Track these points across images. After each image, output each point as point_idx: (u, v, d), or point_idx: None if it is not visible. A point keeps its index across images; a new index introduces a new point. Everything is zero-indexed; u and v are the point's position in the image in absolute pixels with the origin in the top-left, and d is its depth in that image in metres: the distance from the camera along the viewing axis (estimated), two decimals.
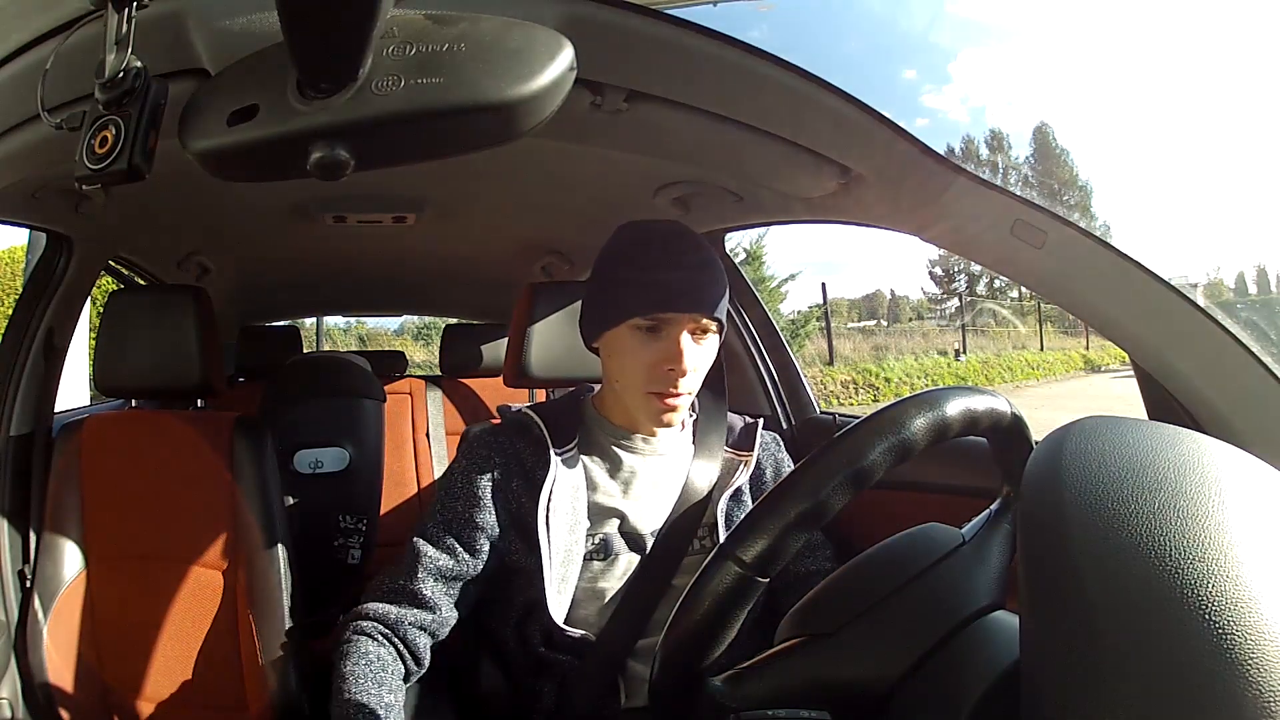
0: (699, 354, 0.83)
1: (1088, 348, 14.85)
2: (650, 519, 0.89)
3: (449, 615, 0.86)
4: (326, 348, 6.61)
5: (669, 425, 0.87)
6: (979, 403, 0.53)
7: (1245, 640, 0.33)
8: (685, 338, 0.82)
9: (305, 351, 2.56)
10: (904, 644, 0.51)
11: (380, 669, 0.81)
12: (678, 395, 0.83)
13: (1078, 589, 0.36)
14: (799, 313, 12.94)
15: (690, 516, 0.89)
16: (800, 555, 0.90)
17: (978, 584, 0.53)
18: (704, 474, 0.91)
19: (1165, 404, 0.73)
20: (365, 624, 0.84)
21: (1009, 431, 0.55)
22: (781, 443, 1.01)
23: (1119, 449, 0.40)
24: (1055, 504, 0.39)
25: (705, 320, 0.83)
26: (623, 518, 0.88)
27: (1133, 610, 0.34)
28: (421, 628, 0.85)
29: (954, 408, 0.51)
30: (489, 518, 0.86)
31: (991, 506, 0.59)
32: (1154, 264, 0.69)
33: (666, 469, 0.91)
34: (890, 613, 0.52)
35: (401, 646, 0.84)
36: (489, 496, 0.87)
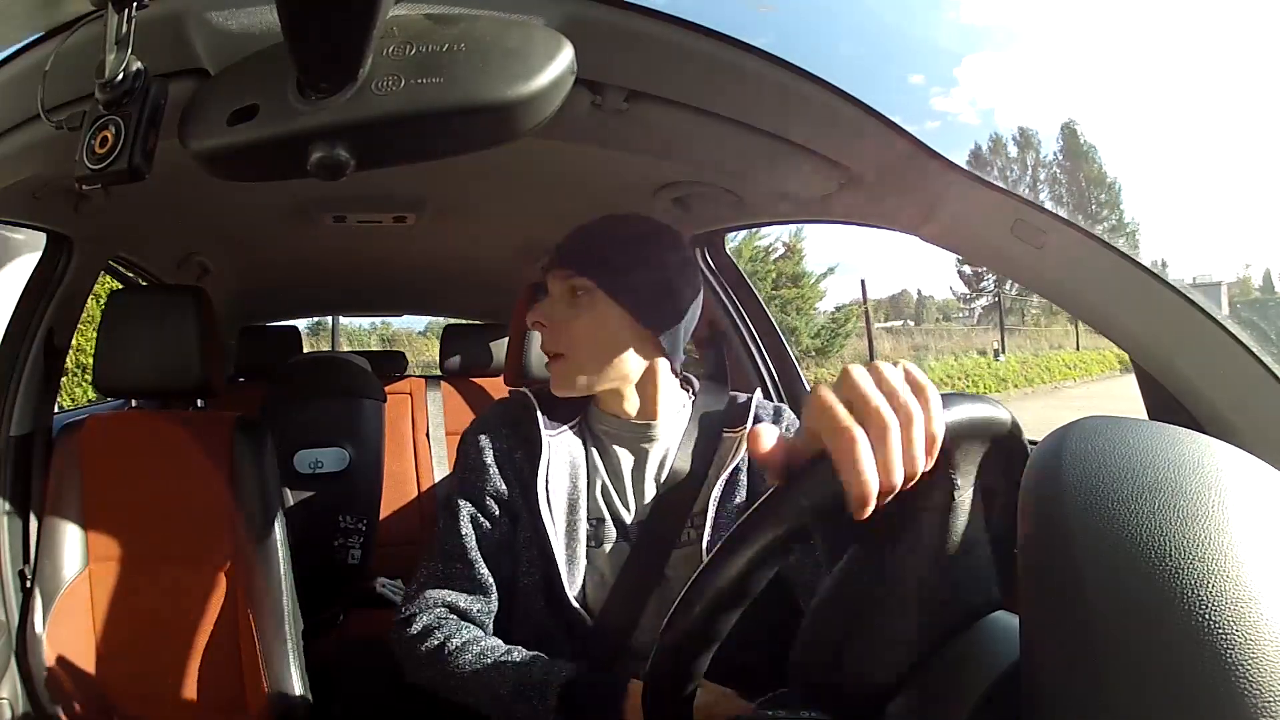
0: (563, 311, 0.85)
1: None
2: (635, 507, 0.87)
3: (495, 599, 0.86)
4: (345, 348, 6.58)
5: (559, 390, 0.87)
6: (979, 410, 0.53)
7: (1245, 640, 0.32)
8: (555, 295, 0.86)
9: (308, 351, 2.56)
10: (904, 644, 0.51)
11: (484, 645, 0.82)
12: (548, 352, 0.86)
13: (1078, 589, 0.36)
14: (838, 309, 12.60)
15: (676, 505, 0.87)
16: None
17: (978, 584, 0.53)
18: (694, 459, 0.89)
19: (1165, 404, 0.73)
20: (439, 611, 0.84)
21: (1008, 434, 0.55)
22: (785, 410, 0.95)
23: (1119, 449, 0.40)
24: (1055, 504, 0.39)
25: (574, 279, 0.84)
26: (611, 504, 0.87)
27: (1133, 610, 0.34)
28: (488, 613, 0.86)
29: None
30: (503, 487, 0.87)
31: (991, 507, 0.59)
32: (1178, 263, 0.68)
33: (655, 455, 0.89)
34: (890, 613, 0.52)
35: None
36: (497, 467, 0.87)
